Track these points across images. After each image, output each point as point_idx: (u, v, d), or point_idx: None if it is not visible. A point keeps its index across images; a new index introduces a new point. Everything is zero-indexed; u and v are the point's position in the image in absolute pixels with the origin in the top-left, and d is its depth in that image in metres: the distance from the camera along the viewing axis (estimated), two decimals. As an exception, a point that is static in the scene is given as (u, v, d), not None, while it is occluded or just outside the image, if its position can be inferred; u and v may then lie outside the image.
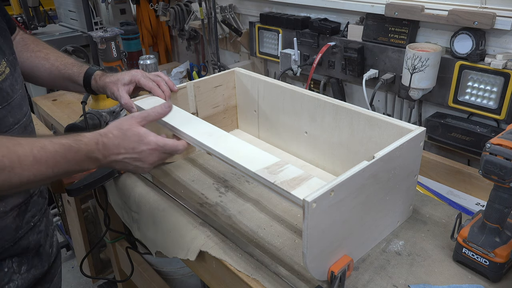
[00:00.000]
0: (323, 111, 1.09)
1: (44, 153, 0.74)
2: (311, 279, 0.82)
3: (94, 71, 1.12)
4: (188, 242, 0.97)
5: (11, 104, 0.88)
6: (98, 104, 1.51)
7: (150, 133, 0.88)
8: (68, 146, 0.78)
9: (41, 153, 0.74)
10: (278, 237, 0.94)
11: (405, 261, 0.86)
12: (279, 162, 0.81)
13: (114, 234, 1.62)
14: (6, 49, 0.90)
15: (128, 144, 0.85)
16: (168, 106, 0.94)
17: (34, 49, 1.10)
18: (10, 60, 0.90)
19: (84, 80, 1.12)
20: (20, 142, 0.73)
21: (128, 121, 0.87)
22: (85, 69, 1.12)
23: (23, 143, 0.73)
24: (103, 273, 2.11)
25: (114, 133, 0.85)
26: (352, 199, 0.77)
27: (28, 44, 1.10)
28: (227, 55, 2.21)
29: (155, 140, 0.87)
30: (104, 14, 2.60)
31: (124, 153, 0.85)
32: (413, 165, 0.91)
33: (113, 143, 0.84)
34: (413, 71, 1.26)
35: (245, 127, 1.40)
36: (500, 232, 0.80)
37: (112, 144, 0.84)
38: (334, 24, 1.56)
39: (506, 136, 0.74)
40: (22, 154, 0.72)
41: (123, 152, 0.85)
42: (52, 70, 1.11)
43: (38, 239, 0.98)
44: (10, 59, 0.90)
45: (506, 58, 1.16)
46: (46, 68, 1.10)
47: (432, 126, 1.31)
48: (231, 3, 1.99)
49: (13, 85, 0.89)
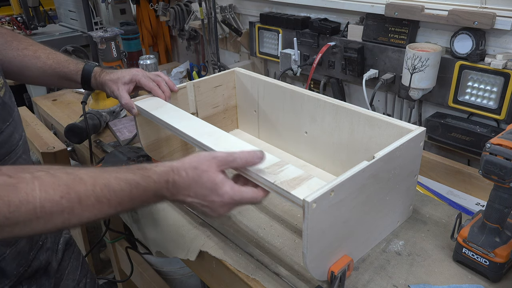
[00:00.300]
0: (323, 111, 1.09)
1: (107, 191, 0.66)
2: (311, 279, 0.82)
3: (92, 68, 1.09)
4: (188, 242, 0.97)
5: (14, 118, 0.84)
6: (98, 104, 1.51)
7: (226, 183, 0.75)
8: (135, 184, 0.69)
9: (104, 192, 0.66)
10: (278, 237, 0.94)
11: (405, 261, 0.86)
12: (279, 162, 0.81)
13: (114, 234, 1.62)
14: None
15: (200, 190, 0.74)
16: (260, 157, 0.77)
17: (19, 47, 1.03)
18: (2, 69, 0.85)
19: (82, 78, 1.08)
20: (82, 177, 0.65)
21: (207, 162, 0.75)
22: (81, 66, 1.09)
23: (84, 179, 0.65)
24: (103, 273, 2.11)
25: (188, 173, 0.74)
26: (352, 199, 0.77)
27: (9, 41, 1.03)
28: (227, 55, 2.21)
29: (230, 193, 0.74)
30: (104, 14, 2.60)
31: (193, 197, 0.75)
32: (413, 165, 0.91)
33: (184, 184, 0.74)
34: (413, 71, 1.26)
35: (245, 127, 1.40)
36: (500, 232, 0.80)
37: (183, 184, 0.74)
38: (334, 24, 1.56)
39: (506, 136, 0.74)
40: (83, 194, 0.64)
41: (192, 196, 0.75)
42: (45, 69, 1.05)
43: (47, 257, 0.96)
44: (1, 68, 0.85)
45: (506, 58, 1.16)
46: (38, 68, 1.04)
47: (432, 126, 1.31)
48: (231, 3, 1.99)
49: (10, 96, 0.85)
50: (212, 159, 0.75)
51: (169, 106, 1.08)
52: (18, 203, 0.58)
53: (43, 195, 0.60)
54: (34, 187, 0.60)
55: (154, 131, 1.16)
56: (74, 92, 1.91)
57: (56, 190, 0.62)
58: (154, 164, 0.75)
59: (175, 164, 0.75)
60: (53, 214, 0.61)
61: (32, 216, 0.60)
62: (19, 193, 0.59)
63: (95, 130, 1.44)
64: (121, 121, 1.52)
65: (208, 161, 0.75)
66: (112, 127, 1.47)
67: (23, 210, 0.59)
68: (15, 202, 0.58)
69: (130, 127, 1.46)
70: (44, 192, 0.61)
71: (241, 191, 0.75)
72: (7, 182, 0.59)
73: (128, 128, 1.46)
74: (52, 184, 0.62)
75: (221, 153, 0.77)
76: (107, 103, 1.51)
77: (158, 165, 0.75)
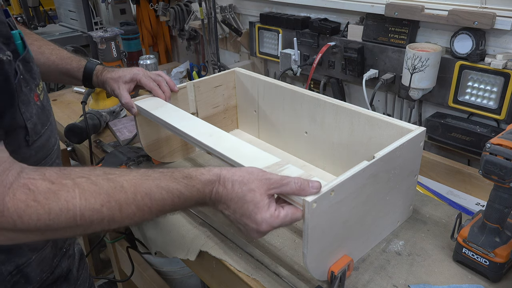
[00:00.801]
0: (323, 111, 1.09)
1: (148, 200, 0.65)
2: (311, 279, 0.82)
3: (94, 66, 1.09)
4: (188, 242, 0.97)
5: (51, 122, 0.83)
6: (98, 104, 1.51)
7: (268, 210, 0.69)
8: (177, 193, 0.68)
9: (146, 201, 0.65)
10: (278, 237, 0.94)
11: (405, 261, 0.86)
12: (279, 162, 0.81)
13: (114, 234, 1.62)
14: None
15: (239, 208, 0.70)
16: (316, 187, 0.70)
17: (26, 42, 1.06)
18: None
19: (84, 76, 1.09)
20: (123, 185, 0.64)
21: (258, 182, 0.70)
22: (83, 63, 1.09)
23: (126, 187, 0.64)
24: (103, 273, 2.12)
25: (235, 187, 0.70)
26: (352, 199, 0.77)
27: None
28: (227, 55, 2.21)
29: (269, 221, 0.69)
30: (104, 14, 2.60)
31: (232, 212, 0.71)
32: (413, 165, 0.91)
33: (226, 197, 0.71)
34: (413, 71, 1.26)
35: (245, 127, 1.40)
36: (500, 232, 0.80)
37: (225, 197, 0.71)
38: (334, 24, 1.56)
39: (506, 136, 0.74)
40: (124, 203, 0.63)
41: (231, 211, 0.71)
42: (49, 65, 1.06)
43: (68, 265, 0.95)
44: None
45: (506, 58, 1.16)
46: (41, 63, 1.03)
47: (432, 126, 1.31)
48: (231, 3, 1.99)
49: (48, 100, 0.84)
50: (265, 180, 0.71)
51: (169, 106, 1.08)
52: (58, 211, 0.59)
53: (83, 203, 0.61)
54: (75, 195, 0.61)
55: (154, 131, 1.16)
56: (74, 92, 1.91)
57: (96, 199, 0.62)
58: (200, 171, 0.72)
59: (224, 173, 0.72)
60: (93, 222, 0.62)
61: (72, 223, 0.61)
62: (59, 201, 0.60)
63: (95, 130, 1.44)
64: (121, 121, 1.52)
65: (260, 181, 0.70)
66: (112, 127, 1.47)
67: (63, 218, 0.60)
68: (55, 210, 0.59)
69: (130, 127, 1.46)
70: (85, 201, 0.61)
71: (280, 216, 0.70)
72: (49, 189, 0.60)
73: (128, 128, 1.46)
74: (93, 192, 0.62)
75: (275, 176, 0.72)
76: (107, 103, 1.51)
77: (204, 172, 0.72)
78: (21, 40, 0.75)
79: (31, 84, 0.76)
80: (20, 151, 0.74)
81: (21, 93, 0.72)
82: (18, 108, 0.71)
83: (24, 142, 0.74)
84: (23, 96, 0.73)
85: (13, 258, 0.79)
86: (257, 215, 0.69)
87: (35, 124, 0.76)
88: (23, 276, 0.82)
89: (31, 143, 0.76)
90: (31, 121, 0.74)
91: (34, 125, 0.76)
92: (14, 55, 0.71)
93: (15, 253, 0.80)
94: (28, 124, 0.73)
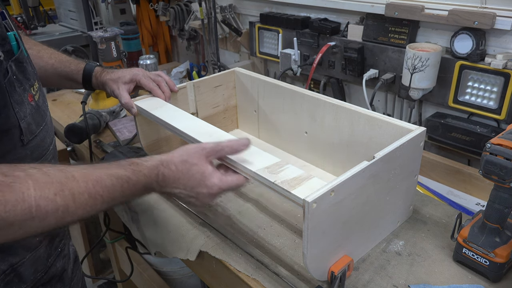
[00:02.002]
0: (323, 111, 1.09)
1: (100, 188, 0.67)
2: (311, 279, 0.82)
3: (93, 68, 1.10)
4: (188, 242, 0.97)
5: (47, 122, 0.84)
6: (98, 104, 1.51)
7: (215, 174, 0.78)
8: (126, 178, 0.70)
9: (97, 188, 0.66)
10: (278, 237, 0.94)
11: (405, 261, 0.86)
12: (279, 162, 0.81)
13: (114, 234, 1.62)
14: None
15: (188, 182, 0.77)
16: (245, 144, 0.81)
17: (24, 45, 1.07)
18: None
19: (84, 78, 1.09)
20: (74, 175, 0.65)
21: (197, 155, 0.78)
22: (82, 66, 1.10)
23: (77, 177, 0.65)
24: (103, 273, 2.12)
25: (178, 167, 0.76)
26: (352, 199, 0.77)
27: None
28: (227, 55, 2.21)
29: (219, 184, 0.78)
30: (104, 14, 2.60)
31: (181, 189, 0.77)
32: (413, 165, 0.91)
33: (173, 177, 0.76)
34: (413, 71, 1.26)
35: (245, 127, 1.40)
36: (500, 232, 0.80)
37: (172, 178, 0.76)
38: (334, 24, 1.56)
39: (506, 136, 0.74)
40: (77, 191, 0.64)
41: (180, 188, 0.77)
42: (47, 69, 1.07)
43: (63, 264, 0.95)
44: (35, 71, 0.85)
45: (506, 58, 1.16)
46: (40, 67, 1.05)
47: (432, 126, 1.31)
48: (231, 3, 1.99)
49: (44, 101, 0.85)
50: (201, 150, 0.78)
51: (169, 106, 1.08)
52: (14, 201, 0.57)
53: (38, 193, 0.60)
54: (29, 185, 0.59)
55: (154, 131, 1.16)
56: (74, 92, 1.91)
57: (50, 188, 0.61)
58: (144, 159, 0.76)
59: (164, 158, 0.77)
60: (48, 213, 0.61)
61: (28, 215, 0.59)
62: (14, 192, 0.58)
63: (95, 130, 1.43)
64: (121, 121, 1.52)
65: (197, 153, 0.78)
66: (112, 127, 1.47)
67: (19, 210, 0.58)
68: (11, 201, 0.57)
69: (130, 127, 1.46)
70: (39, 190, 0.60)
71: (228, 180, 0.79)
72: (3, 182, 0.58)
73: (128, 128, 1.46)
74: (46, 182, 0.61)
75: (209, 144, 0.80)
76: (107, 103, 1.51)
77: (148, 159, 0.76)
78: (16, 41, 0.76)
79: (25, 84, 0.77)
80: (16, 151, 0.75)
81: (15, 93, 0.73)
82: (12, 107, 0.71)
83: (19, 142, 0.75)
84: (17, 96, 0.73)
85: (6, 257, 0.79)
86: (207, 181, 0.77)
87: (29, 124, 0.77)
88: (17, 275, 0.82)
89: (26, 143, 0.76)
90: (25, 121, 0.75)
91: (28, 124, 0.76)
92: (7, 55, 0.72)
93: (8, 252, 0.80)
94: (21, 123, 0.74)
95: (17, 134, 0.74)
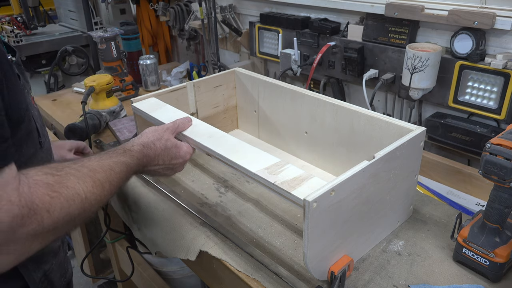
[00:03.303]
0: (323, 111, 1.09)
1: (114, 175, 0.73)
2: (311, 279, 0.82)
3: None
4: (188, 242, 0.97)
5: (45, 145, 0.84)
6: (98, 104, 1.51)
7: (183, 144, 0.92)
8: (127, 163, 0.78)
9: (113, 176, 0.73)
10: (278, 237, 0.94)
11: (405, 261, 0.86)
12: (279, 162, 0.81)
13: (114, 234, 1.62)
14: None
15: (166, 156, 0.88)
16: (190, 120, 0.98)
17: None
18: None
19: None
20: (94, 167, 0.71)
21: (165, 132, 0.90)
22: None
23: (97, 169, 0.71)
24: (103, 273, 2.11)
25: (156, 144, 0.86)
26: (353, 199, 0.77)
27: None
28: (227, 55, 2.21)
29: (189, 151, 0.92)
30: (104, 14, 2.60)
31: (161, 164, 0.88)
32: (413, 165, 0.91)
33: (154, 155, 0.86)
34: (413, 71, 1.26)
35: (245, 127, 1.40)
36: (500, 232, 0.80)
37: (153, 156, 0.85)
38: (334, 24, 1.56)
39: (506, 136, 0.74)
40: (103, 181, 0.70)
41: (160, 164, 0.87)
42: None
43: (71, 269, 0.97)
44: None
45: (506, 58, 1.16)
46: None
47: (432, 126, 1.31)
48: (231, 3, 1.99)
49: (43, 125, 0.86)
50: (166, 129, 0.91)
51: (168, 107, 1.08)
52: (71, 196, 0.62)
53: (82, 186, 0.65)
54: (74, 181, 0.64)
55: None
56: (74, 92, 1.91)
57: (87, 181, 0.66)
58: (129, 145, 0.83)
59: (142, 140, 0.86)
60: (91, 204, 0.66)
61: (81, 208, 0.64)
62: (68, 188, 0.62)
63: (95, 130, 1.44)
64: (121, 121, 1.52)
65: (165, 131, 0.90)
66: (112, 127, 1.47)
67: (76, 204, 0.63)
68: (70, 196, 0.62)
69: (130, 127, 1.46)
70: (83, 184, 0.65)
71: (190, 147, 0.93)
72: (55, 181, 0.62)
73: (128, 128, 1.46)
74: (81, 177, 0.66)
75: (168, 124, 0.94)
76: (107, 103, 1.51)
77: (131, 144, 0.84)
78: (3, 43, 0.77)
79: (27, 87, 0.79)
80: (37, 154, 0.77)
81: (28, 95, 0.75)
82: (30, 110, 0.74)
83: (38, 144, 0.77)
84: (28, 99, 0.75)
85: (40, 265, 0.82)
86: (180, 152, 0.91)
87: (41, 126, 0.79)
88: (50, 282, 0.84)
89: (43, 145, 0.79)
90: (38, 123, 0.77)
91: (40, 127, 0.79)
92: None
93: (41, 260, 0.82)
94: (38, 126, 0.77)
95: (36, 137, 0.77)
